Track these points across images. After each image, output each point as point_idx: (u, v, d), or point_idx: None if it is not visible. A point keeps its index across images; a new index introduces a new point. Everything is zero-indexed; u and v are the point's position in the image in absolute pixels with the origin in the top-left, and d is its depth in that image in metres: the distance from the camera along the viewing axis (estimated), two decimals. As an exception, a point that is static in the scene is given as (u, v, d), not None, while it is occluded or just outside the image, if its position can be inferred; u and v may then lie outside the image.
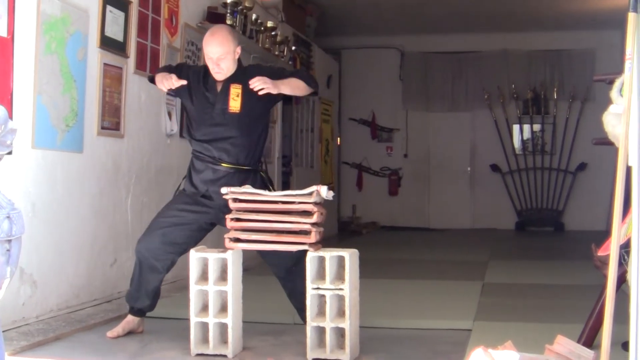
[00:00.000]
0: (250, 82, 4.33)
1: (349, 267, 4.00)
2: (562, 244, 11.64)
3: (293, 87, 4.47)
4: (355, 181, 14.57)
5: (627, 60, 2.89)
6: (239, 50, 4.51)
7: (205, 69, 4.59)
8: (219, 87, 4.51)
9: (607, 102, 3.30)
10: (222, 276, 4.18)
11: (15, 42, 4.73)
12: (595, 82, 7.12)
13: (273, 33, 9.28)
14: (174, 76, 4.43)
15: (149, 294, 4.54)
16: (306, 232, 4.08)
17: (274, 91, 4.32)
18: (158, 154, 6.66)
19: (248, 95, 4.44)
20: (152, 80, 4.75)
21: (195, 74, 4.61)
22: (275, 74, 4.52)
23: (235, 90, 4.46)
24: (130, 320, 4.61)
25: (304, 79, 4.50)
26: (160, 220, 4.51)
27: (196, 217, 4.49)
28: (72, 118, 5.36)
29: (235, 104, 4.44)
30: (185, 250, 4.49)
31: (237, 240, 4.16)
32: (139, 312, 4.61)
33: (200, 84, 4.54)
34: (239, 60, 4.58)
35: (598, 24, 12.70)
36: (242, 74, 4.51)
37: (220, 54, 4.40)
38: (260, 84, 4.30)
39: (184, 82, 4.44)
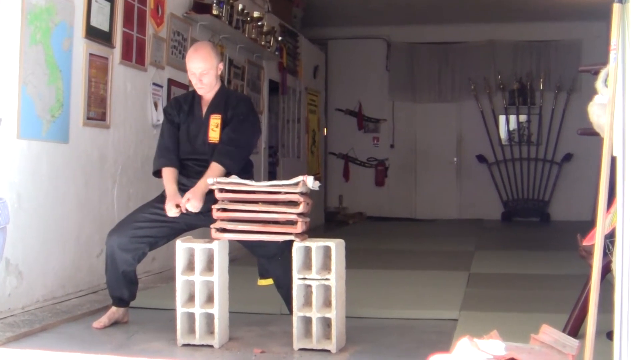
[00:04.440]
0: (184, 204, 4.35)
1: (335, 257, 4.01)
2: (548, 234, 11.69)
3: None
4: (342, 172, 14.59)
5: (612, 51, 2.89)
6: (221, 66, 4.62)
7: (188, 98, 4.70)
8: (203, 115, 4.60)
9: (593, 92, 3.31)
10: (209, 266, 4.19)
11: (-1, 31, 4.71)
12: (582, 73, 7.14)
13: (259, 23, 9.27)
14: (172, 207, 4.40)
15: (124, 283, 4.56)
16: (292, 222, 4.08)
17: (199, 207, 4.35)
18: (144, 144, 6.63)
19: (226, 125, 4.55)
20: (157, 172, 4.67)
21: (182, 105, 4.67)
22: (237, 121, 4.54)
23: (215, 121, 4.57)
24: (115, 310, 4.63)
25: (224, 163, 4.46)
26: (137, 215, 4.55)
27: (175, 216, 4.49)
28: (58, 108, 5.33)
29: (214, 134, 4.55)
30: (157, 244, 4.58)
31: (224, 230, 4.16)
32: (120, 302, 4.62)
33: (186, 116, 4.63)
34: (222, 82, 4.71)
35: (584, 14, 12.73)
36: (223, 101, 4.61)
37: (202, 69, 4.51)
38: (190, 208, 4.34)
39: (181, 205, 4.39)
